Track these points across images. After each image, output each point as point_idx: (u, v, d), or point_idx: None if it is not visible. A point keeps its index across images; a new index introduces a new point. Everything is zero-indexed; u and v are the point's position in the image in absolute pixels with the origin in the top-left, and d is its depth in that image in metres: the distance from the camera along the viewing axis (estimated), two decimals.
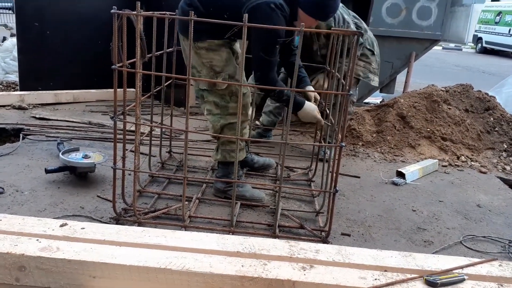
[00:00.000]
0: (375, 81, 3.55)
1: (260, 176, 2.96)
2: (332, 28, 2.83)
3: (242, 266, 1.50)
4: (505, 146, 3.81)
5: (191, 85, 2.71)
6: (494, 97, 4.26)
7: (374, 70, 3.52)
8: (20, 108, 4.00)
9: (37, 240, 1.56)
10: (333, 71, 2.57)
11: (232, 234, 2.05)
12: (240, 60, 2.46)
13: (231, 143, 2.43)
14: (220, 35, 2.26)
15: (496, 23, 17.66)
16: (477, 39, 19.01)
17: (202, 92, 2.45)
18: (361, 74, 3.45)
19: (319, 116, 2.57)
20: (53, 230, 1.63)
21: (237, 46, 2.50)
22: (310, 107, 2.53)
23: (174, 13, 2.42)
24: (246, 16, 1.83)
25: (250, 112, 2.57)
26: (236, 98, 2.34)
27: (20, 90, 4.37)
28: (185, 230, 2.10)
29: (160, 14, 2.17)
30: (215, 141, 2.65)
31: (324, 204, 2.41)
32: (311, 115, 2.54)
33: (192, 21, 1.85)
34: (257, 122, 3.66)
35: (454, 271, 1.57)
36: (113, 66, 1.90)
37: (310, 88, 2.66)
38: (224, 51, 2.32)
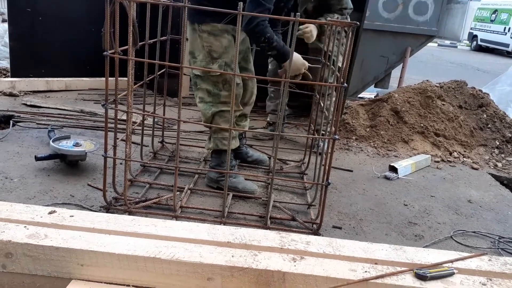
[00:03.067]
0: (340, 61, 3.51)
1: (253, 168, 2.94)
2: (328, 19, 2.81)
3: (232, 256, 1.49)
4: (497, 143, 3.83)
5: (185, 74, 2.69)
6: (488, 94, 4.28)
7: (341, 52, 3.49)
8: (11, 94, 3.94)
9: (25, 227, 1.54)
10: (328, 63, 2.55)
11: (224, 225, 2.04)
12: (240, 49, 2.44)
13: (223, 130, 2.43)
14: (223, 18, 2.22)
15: (492, 21, 17.69)
16: (472, 37, 19.05)
17: (196, 78, 2.43)
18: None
19: (306, 64, 2.48)
20: (41, 217, 1.61)
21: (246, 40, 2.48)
22: (297, 55, 2.43)
23: (169, 0, 2.39)
24: (241, 4, 1.80)
25: (252, 101, 2.56)
26: (229, 87, 2.33)
27: (11, 77, 4.31)
28: (176, 220, 2.08)
29: (154, 0, 2.13)
30: (208, 131, 2.64)
31: (316, 197, 2.41)
32: (299, 62, 2.43)
33: (197, 5, 1.83)
34: (268, 119, 3.68)
35: (444, 264, 1.57)
36: (105, 53, 1.87)
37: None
38: (226, 38, 2.31)
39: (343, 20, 2.04)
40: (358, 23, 1.91)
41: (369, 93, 5.87)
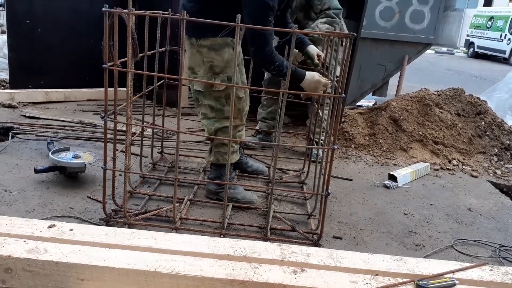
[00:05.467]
0: (337, 70, 3.49)
1: (252, 178, 2.94)
2: (326, 30, 2.83)
3: (233, 269, 1.49)
4: (496, 150, 3.84)
5: (184, 85, 2.70)
6: (486, 102, 4.29)
7: (339, 60, 3.48)
8: (10, 106, 3.94)
9: (25, 241, 1.53)
10: (326, 73, 2.57)
11: (224, 237, 2.03)
12: (239, 62, 2.44)
13: (225, 145, 2.41)
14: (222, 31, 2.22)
15: (488, 28, 17.82)
16: (469, 44, 19.16)
17: (198, 94, 2.41)
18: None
19: (323, 79, 2.45)
20: (41, 231, 1.60)
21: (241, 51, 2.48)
22: (311, 74, 2.41)
23: (167, 12, 2.40)
24: (239, 17, 1.82)
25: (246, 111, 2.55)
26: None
27: (10, 88, 4.31)
28: (176, 232, 2.08)
29: (152, 13, 2.14)
30: (208, 142, 2.63)
31: (316, 207, 2.40)
32: (315, 80, 2.40)
33: (193, 18, 1.84)
34: (256, 128, 3.66)
35: (445, 275, 1.57)
36: (104, 65, 1.87)
37: (312, 47, 2.70)
38: (227, 51, 2.26)
39: (340, 32, 2.05)
40: (355, 34, 1.92)
41: (367, 101, 5.89)
